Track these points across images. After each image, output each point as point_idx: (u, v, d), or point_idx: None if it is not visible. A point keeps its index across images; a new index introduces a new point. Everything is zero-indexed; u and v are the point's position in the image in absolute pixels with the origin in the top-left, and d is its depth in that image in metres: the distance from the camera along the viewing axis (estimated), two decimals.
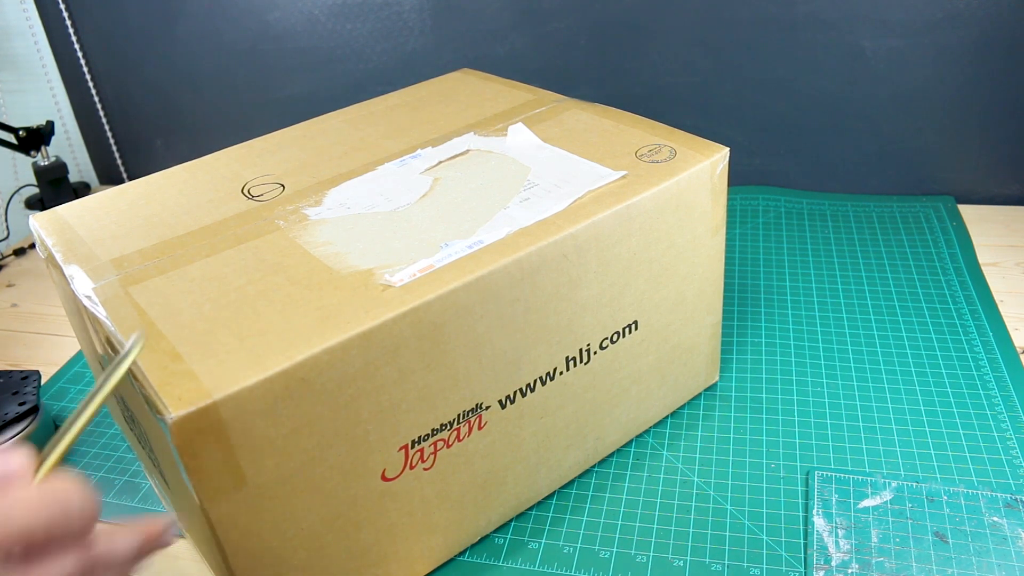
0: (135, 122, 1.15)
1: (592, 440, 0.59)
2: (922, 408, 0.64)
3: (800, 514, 0.56)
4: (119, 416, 0.63)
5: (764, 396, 0.66)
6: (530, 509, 0.58)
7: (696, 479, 0.60)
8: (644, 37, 0.93)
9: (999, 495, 0.56)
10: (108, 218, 0.56)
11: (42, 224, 0.55)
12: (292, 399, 0.41)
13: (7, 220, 1.08)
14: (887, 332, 0.72)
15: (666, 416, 0.65)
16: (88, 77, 1.12)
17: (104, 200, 0.58)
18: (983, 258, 0.82)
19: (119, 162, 1.19)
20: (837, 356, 0.70)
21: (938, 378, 0.67)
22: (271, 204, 0.55)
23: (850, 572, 0.51)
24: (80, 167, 1.19)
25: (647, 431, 0.64)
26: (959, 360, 0.68)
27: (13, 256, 1.01)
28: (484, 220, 0.51)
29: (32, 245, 1.03)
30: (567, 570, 0.54)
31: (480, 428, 0.51)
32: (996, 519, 0.54)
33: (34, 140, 1.04)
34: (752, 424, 0.64)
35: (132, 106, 1.14)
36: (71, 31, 1.08)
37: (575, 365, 0.54)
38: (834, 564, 0.52)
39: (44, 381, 0.77)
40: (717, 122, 0.96)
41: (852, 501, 0.56)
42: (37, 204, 1.09)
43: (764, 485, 0.58)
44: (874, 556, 0.52)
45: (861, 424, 0.63)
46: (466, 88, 0.72)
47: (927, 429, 0.62)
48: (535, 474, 0.57)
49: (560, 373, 0.53)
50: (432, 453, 0.49)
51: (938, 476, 0.58)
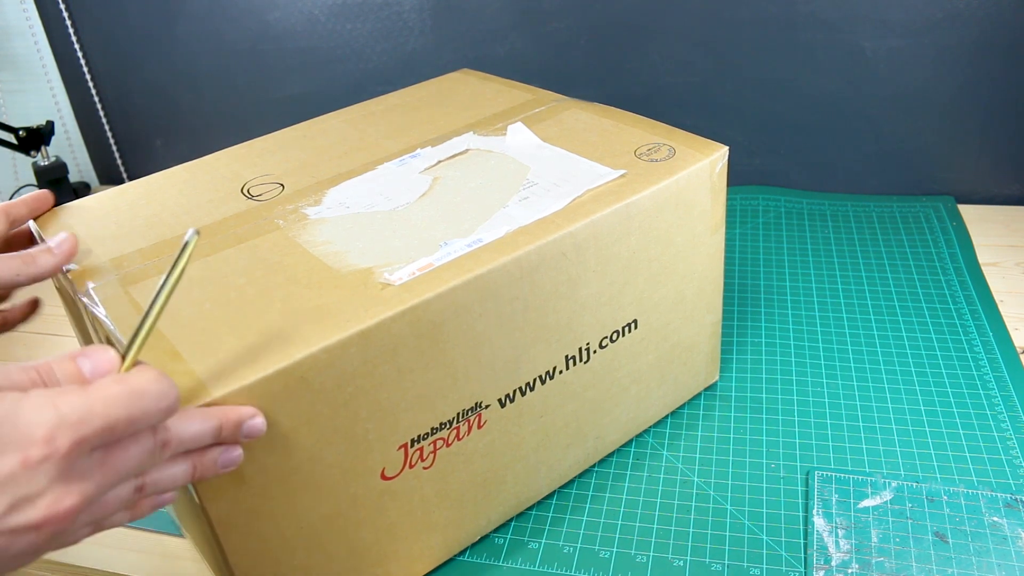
0: (135, 122, 1.15)
1: (592, 439, 0.59)
2: (922, 408, 0.64)
3: (800, 514, 0.56)
4: None
5: (764, 396, 0.66)
6: (530, 509, 0.58)
7: (696, 479, 0.60)
8: (644, 37, 0.93)
9: (999, 495, 0.56)
10: (108, 218, 0.55)
11: (42, 225, 0.55)
12: (291, 398, 0.41)
13: None
14: (887, 332, 0.72)
15: (666, 415, 0.65)
16: (88, 77, 1.12)
17: (104, 200, 0.58)
18: (983, 258, 0.82)
19: (119, 162, 1.19)
20: (837, 356, 0.70)
21: (938, 378, 0.67)
22: (270, 204, 0.55)
23: (850, 572, 0.51)
24: (80, 167, 1.19)
25: (647, 431, 0.64)
26: (959, 360, 0.68)
27: None
28: (483, 219, 0.51)
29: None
30: (567, 570, 0.54)
31: (480, 427, 0.51)
32: (996, 519, 0.54)
33: (34, 140, 1.04)
34: (752, 424, 0.64)
35: (132, 106, 1.14)
36: (71, 31, 1.08)
37: (574, 364, 0.54)
38: (834, 564, 0.52)
39: None
40: (717, 122, 0.96)
41: (852, 501, 0.56)
42: None
43: (764, 485, 0.58)
44: (874, 556, 0.52)
45: (861, 424, 0.63)
46: (465, 88, 0.72)
47: (927, 429, 0.62)
48: (535, 473, 0.57)
49: (560, 372, 0.53)
50: (432, 452, 0.49)
51: (938, 476, 0.58)
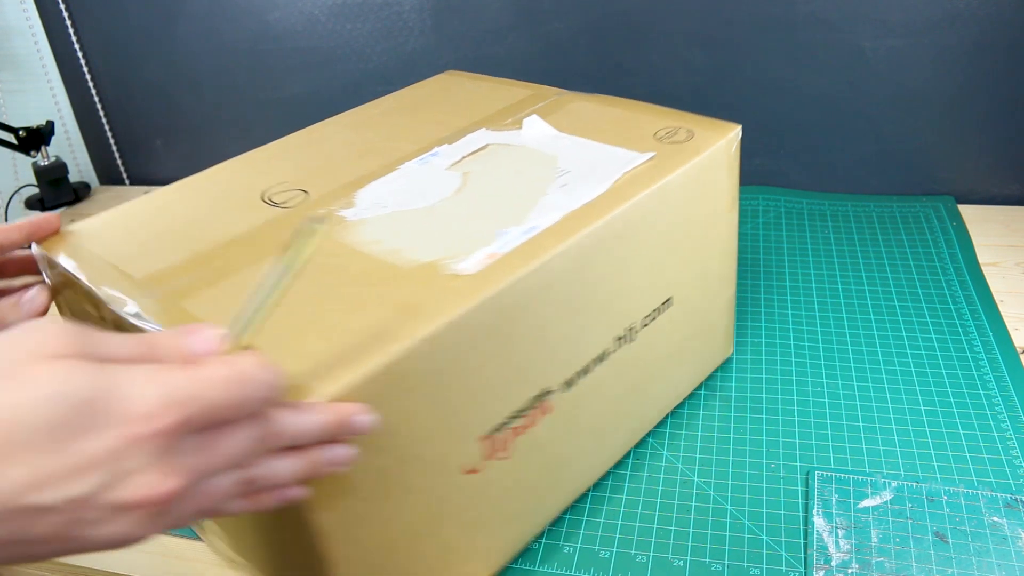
0: (135, 122, 1.15)
1: (636, 418, 0.61)
2: (922, 408, 0.64)
3: (800, 514, 0.56)
4: None
5: (764, 396, 0.66)
6: None
7: (696, 479, 0.60)
8: (644, 37, 0.93)
9: (999, 495, 0.56)
10: (124, 237, 0.52)
11: (51, 248, 0.51)
12: (392, 395, 0.40)
13: (7, 220, 1.08)
14: (887, 332, 0.72)
15: (671, 412, 0.65)
16: (88, 77, 1.12)
17: (116, 218, 0.55)
18: (983, 258, 0.82)
19: (119, 162, 1.19)
20: (837, 356, 0.70)
21: (938, 378, 0.67)
22: (300, 209, 0.53)
23: (850, 572, 0.51)
24: (80, 167, 1.19)
25: (647, 431, 0.64)
26: (959, 360, 0.68)
27: None
28: (530, 207, 0.51)
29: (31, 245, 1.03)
30: (567, 570, 0.54)
31: (547, 413, 0.51)
32: (996, 519, 0.54)
33: (34, 140, 1.04)
34: (752, 424, 0.64)
35: (132, 106, 1.14)
36: (71, 31, 1.08)
37: (622, 344, 0.55)
38: (834, 564, 0.52)
39: None
40: None
41: (852, 501, 0.56)
42: (37, 204, 1.09)
43: (764, 485, 0.58)
44: (874, 556, 0.52)
45: (861, 424, 0.63)
46: (459, 88, 0.72)
47: (927, 429, 0.62)
48: (594, 456, 0.58)
49: (610, 353, 0.55)
50: (508, 441, 0.49)
51: (938, 476, 0.58)
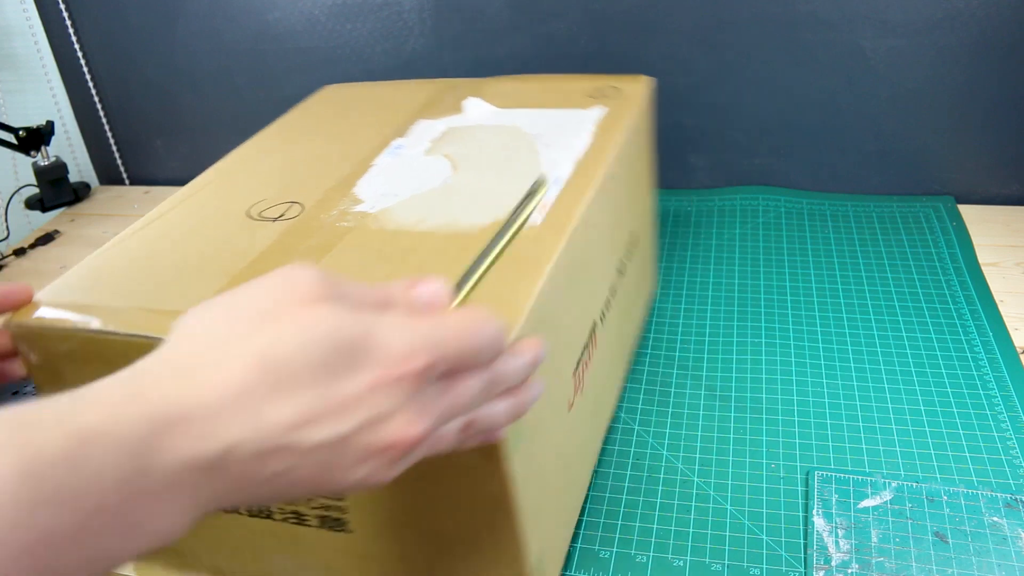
0: (135, 122, 1.15)
1: (623, 358, 0.65)
2: (922, 408, 0.64)
3: (800, 514, 0.56)
4: None
5: (764, 396, 0.66)
6: None
7: (696, 479, 0.60)
8: (644, 37, 0.93)
9: (999, 495, 0.56)
10: (130, 282, 0.47)
11: (59, 314, 0.43)
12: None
13: (7, 220, 1.08)
14: (887, 332, 0.72)
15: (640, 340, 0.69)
16: (88, 77, 1.12)
17: (98, 267, 0.49)
18: (983, 258, 0.82)
19: (119, 162, 1.19)
20: (837, 356, 0.70)
21: (938, 378, 0.67)
22: (307, 217, 0.52)
23: (850, 572, 0.51)
24: (80, 167, 1.19)
25: (648, 431, 0.64)
26: (959, 360, 0.68)
27: (13, 256, 1.01)
28: (537, 166, 0.54)
29: (32, 245, 1.03)
30: (567, 570, 0.54)
31: (596, 347, 0.54)
32: (996, 519, 0.54)
33: (34, 140, 1.04)
34: (752, 424, 0.64)
35: (132, 106, 1.14)
36: (71, 31, 1.08)
37: (619, 277, 0.59)
38: (834, 564, 0.52)
39: None
40: (717, 122, 0.96)
41: (852, 501, 0.56)
42: (37, 204, 1.09)
43: (764, 485, 0.58)
44: (874, 556, 0.52)
45: (861, 424, 0.63)
46: (359, 94, 0.72)
47: (927, 429, 0.62)
48: (611, 395, 0.63)
49: (616, 287, 0.58)
50: (582, 375, 0.51)
51: (938, 476, 0.58)
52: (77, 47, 1.09)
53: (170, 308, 0.43)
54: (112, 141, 1.17)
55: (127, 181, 1.21)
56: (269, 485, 0.28)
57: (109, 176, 1.21)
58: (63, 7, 1.06)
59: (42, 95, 1.13)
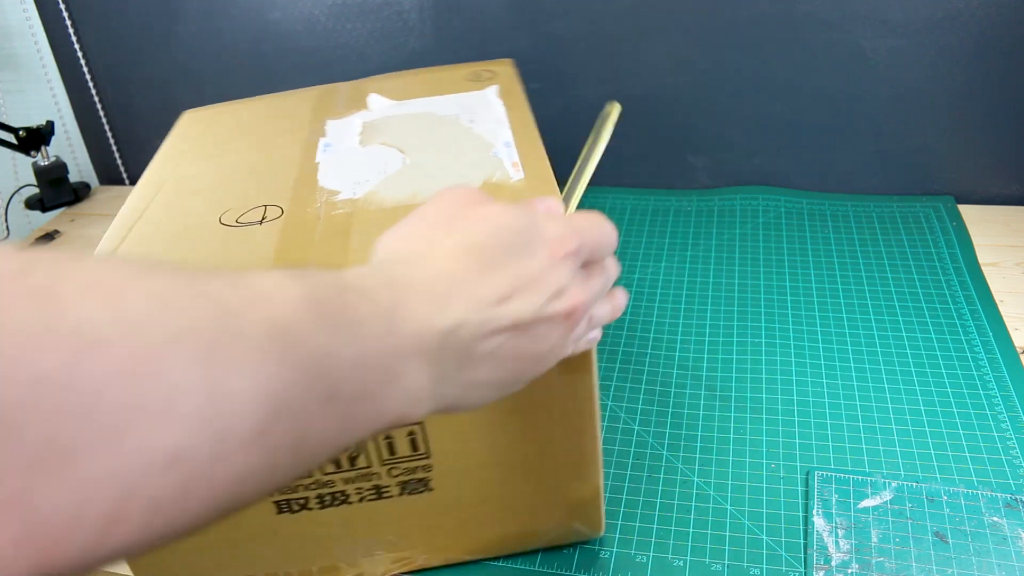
0: (135, 122, 1.15)
1: None
2: (922, 408, 0.64)
3: (800, 514, 0.56)
4: None
5: (764, 396, 0.66)
6: None
7: (696, 479, 0.60)
8: (644, 37, 0.93)
9: (999, 495, 0.56)
10: None
11: None
12: None
13: (7, 220, 1.08)
14: (887, 332, 0.72)
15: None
16: (88, 77, 1.12)
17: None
18: (983, 258, 0.82)
19: (119, 162, 1.19)
20: (837, 356, 0.70)
21: (938, 378, 0.67)
22: (294, 215, 0.52)
23: (850, 572, 0.51)
24: (80, 167, 1.19)
25: (647, 431, 0.64)
26: (959, 360, 0.68)
27: None
28: (480, 136, 0.58)
29: (33, 244, 1.03)
30: (567, 570, 0.54)
31: None
32: (996, 519, 0.54)
33: (34, 140, 1.04)
34: (752, 424, 0.64)
35: (132, 106, 1.14)
36: (71, 31, 1.08)
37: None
38: (834, 564, 0.52)
39: None
40: (717, 122, 0.96)
41: (852, 501, 0.56)
42: (37, 204, 1.09)
43: (764, 485, 0.58)
44: (874, 556, 0.52)
45: (861, 424, 0.63)
46: (235, 112, 0.70)
47: (927, 429, 0.62)
48: None
49: None
50: None
51: (938, 476, 0.58)
52: (77, 47, 1.09)
53: None
54: (112, 141, 1.17)
55: (127, 181, 1.21)
56: (491, 360, 0.32)
57: (109, 176, 1.21)
58: (63, 7, 1.06)
59: (42, 95, 1.13)
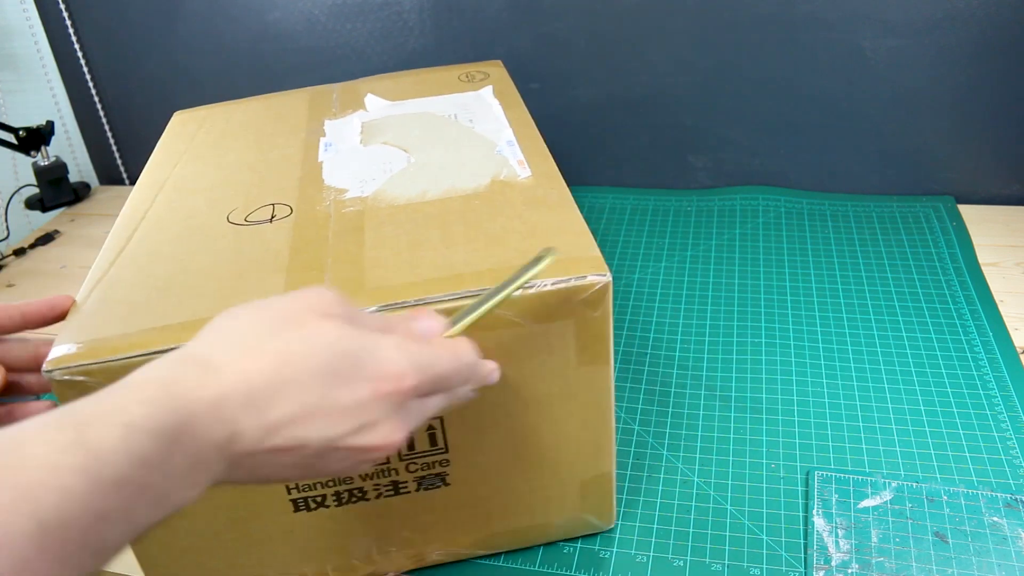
0: (135, 122, 1.15)
1: None
2: (922, 408, 0.64)
3: (800, 514, 0.56)
4: None
5: (764, 396, 0.66)
6: None
7: (696, 479, 0.60)
8: (644, 37, 0.93)
9: (999, 495, 0.56)
10: (159, 306, 0.45)
11: (97, 355, 0.41)
12: None
13: (7, 220, 1.08)
14: (887, 332, 0.72)
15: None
16: (88, 77, 1.12)
17: (112, 300, 0.46)
18: (983, 258, 0.82)
19: (119, 162, 1.19)
20: (837, 356, 0.70)
21: (938, 378, 0.67)
22: (304, 212, 0.51)
23: (850, 572, 0.51)
24: (80, 167, 1.19)
25: (647, 431, 0.64)
26: (959, 360, 0.68)
27: (13, 256, 1.01)
28: (480, 134, 0.60)
29: (32, 245, 1.03)
30: (567, 570, 0.54)
31: None
32: (996, 519, 0.54)
33: (34, 140, 1.04)
34: (752, 424, 0.64)
35: (132, 106, 1.14)
36: (71, 31, 1.08)
37: None
38: (834, 564, 0.52)
39: None
40: (717, 122, 0.96)
41: (852, 501, 0.56)
42: (37, 204, 1.09)
43: (764, 485, 0.58)
44: (874, 556, 0.52)
45: (861, 424, 0.63)
46: (227, 113, 0.70)
47: (927, 429, 0.62)
48: None
49: None
50: None
51: (938, 476, 0.58)
52: (77, 47, 1.09)
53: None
54: (112, 141, 1.17)
55: (127, 181, 1.21)
56: (265, 468, 0.32)
57: (109, 176, 1.21)
58: (63, 7, 1.06)
59: (42, 95, 1.13)
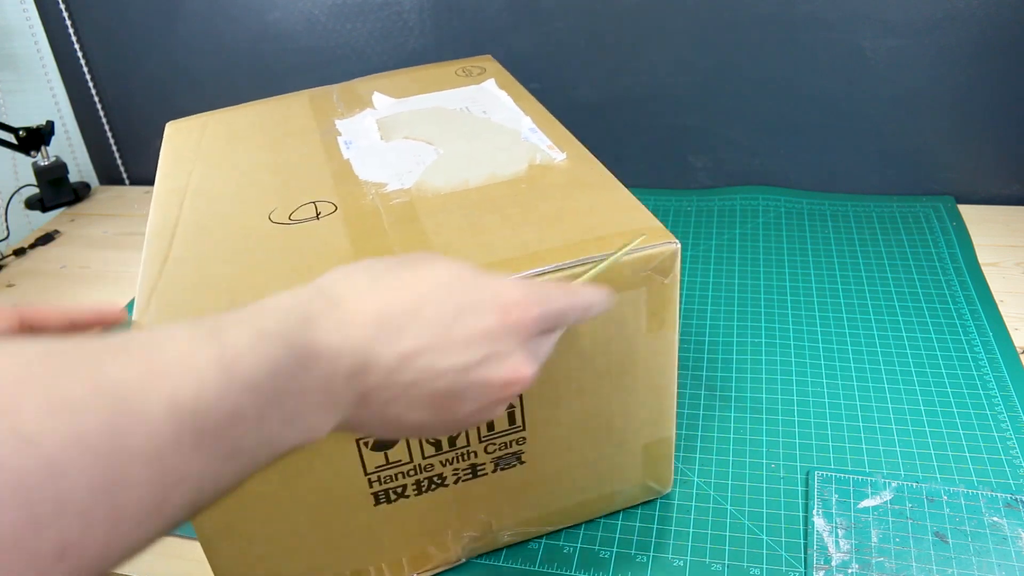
0: (135, 122, 1.15)
1: None
2: (922, 408, 0.64)
3: (800, 514, 0.56)
4: None
5: (764, 396, 0.66)
6: None
7: (696, 479, 0.60)
8: (644, 37, 0.93)
9: (999, 495, 0.56)
10: (210, 287, 0.46)
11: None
12: None
13: (7, 220, 1.08)
14: (887, 332, 0.72)
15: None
16: (88, 77, 1.12)
17: (177, 275, 0.47)
18: (983, 258, 0.82)
19: (119, 162, 1.19)
20: (837, 356, 0.70)
21: (938, 378, 0.67)
22: (350, 207, 0.52)
23: (850, 572, 0.51)
24: (80, 167, 1.19)
25: None
26: (959, 360, 0.68)
27: (13, 256, 1.01)
28: (500, 124, 0.61)
29: (32, 245, 1.03)
30: (567, 570, 0.54)
31: None
32: (996, 519, 0.54)
33: (34, 140, 1.04)
34: (752, 424, 0.64)
35: (132, 106, 1.14)
36: (71, 31, 1.08)
37: None
38: (834, 564, 0.52)
39: None
40: (717, 122, 0.96)
41: (852, 501, 0.56)
42: (37, 204, 1.09)
43: (764, 485, 0.58)
44: (874, 556, 0.52)
45: (861, 424, 0.63)
46: (229, 119, 0.69)
47: (927, 429, 0.62)
48: None
49: None
50: None
51: (938, 476, 0.58)
52: (77, 47, 1.09)
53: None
54: (112, 141, 1.17)
55: (127, 181, 1.21)
56: (396, 405, 0.32)
57: (109, 176, 1.21)
58: (63, 7, 1.06)
59: (42, 95, 1.13)
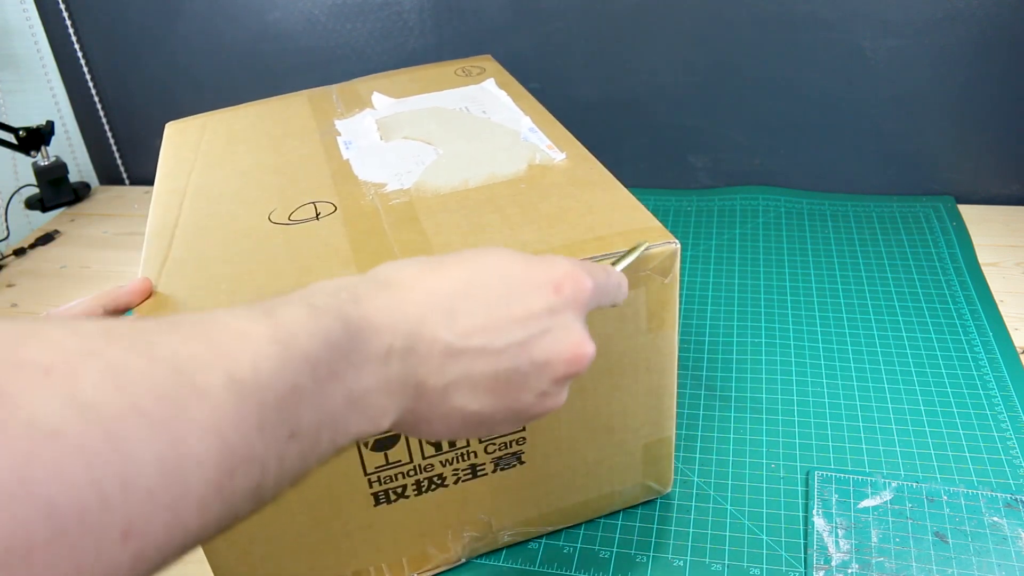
0: (135, 122, 1.15)
1: None
2: (922, 408, 0.64)
3: (800, 514, 0.56)
4: None
5: (764, 396, 0.66)
6: None
7: (696, 479, 0.60)
8: (644, 37, 0.93)
9: (999, 495, 0.56)
10: (218, 279, 0.46)
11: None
12: None
13: (7, 220, 1.08)
14: (887, 332, 0.72)
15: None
16: (88, 77, 1.12)
17: (187, 269, 0.47)
18: (983, 258, 0.82)
19: (119, 162, 1.19)
20: (837, 356, 0.70)
21: (938, 378, 0.67)
22: (350, 207, 0.51)
23: (850, 572, 0.51)
24: (80, 167, 1.19)
25: None
26: (959, 360, 0.68)
27: (13, 256, 1.01)
28: (498, 124, 0.61)
29: (32, 245, 1.03)
30: (567, 570, 0.54)
31: None
32: (996, 519, 0.54)
33: (34, 140, 1.04)
34: (752, 424, 0.64)
35: (132, 106, 1.14)
36: (71, 31, 1.08)
37: None
38: (834, 564, 0.52)
39: None
40: (717, 122, 0.96)
41: (852, 501, 0.56)
42: (37, 204, 1.09)
43: (764, 485, 0.58)
44: (874, 556, 0.52)
45: (861, 424, 0.63)
46: (228, 119, 0.69)
47: (927, 429, 0.62)
48: None
49: None
50: None
51: (938, 476, 0.58)
52: (77, 47, 1.09)
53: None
54: (112, 141, 1.17)
55: (127, 181, 1.21)
56: (454, 392, 0.32)
57: (109, 176, 1.21)
58: (63, 7, 1.06)
59: (42, 95, 1.13)
